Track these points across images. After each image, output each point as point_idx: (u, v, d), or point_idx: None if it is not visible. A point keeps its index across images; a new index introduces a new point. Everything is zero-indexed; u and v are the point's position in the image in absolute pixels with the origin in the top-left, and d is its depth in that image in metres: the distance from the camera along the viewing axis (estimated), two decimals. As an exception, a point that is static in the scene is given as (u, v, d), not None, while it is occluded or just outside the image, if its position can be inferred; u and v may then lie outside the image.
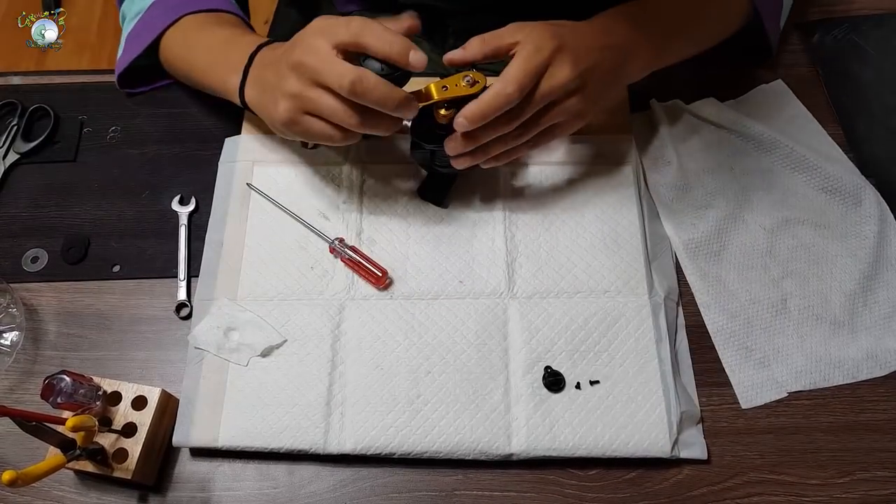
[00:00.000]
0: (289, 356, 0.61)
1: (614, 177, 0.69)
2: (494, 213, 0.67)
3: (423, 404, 0.59)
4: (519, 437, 0.57)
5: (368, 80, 0.52)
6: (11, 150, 0.73)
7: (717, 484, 0.57)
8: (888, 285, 0.64)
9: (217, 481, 0.58)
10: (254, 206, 0.68)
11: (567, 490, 0.57)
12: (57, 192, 0.72)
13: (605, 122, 0.71)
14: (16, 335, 0.63)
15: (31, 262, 0.68)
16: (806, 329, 0.63)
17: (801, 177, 0.69)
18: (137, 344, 0.64)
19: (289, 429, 0.58)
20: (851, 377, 0.61)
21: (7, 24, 1.91)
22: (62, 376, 0.53)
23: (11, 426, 0.52)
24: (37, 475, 0.48)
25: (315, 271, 0.65)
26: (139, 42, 0.71)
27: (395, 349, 0.61)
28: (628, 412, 0.58)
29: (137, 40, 0.72)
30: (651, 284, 0.64)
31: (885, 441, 0.59)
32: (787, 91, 0.75)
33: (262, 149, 0.71)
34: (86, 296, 0.66)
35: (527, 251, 0.65)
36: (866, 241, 0.65)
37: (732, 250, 0.66)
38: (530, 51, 0.55)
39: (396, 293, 0.64)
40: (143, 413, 0.57)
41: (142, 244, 0.68)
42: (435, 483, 0.58)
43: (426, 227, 0.67)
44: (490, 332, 0.62)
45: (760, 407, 0.60)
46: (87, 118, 0.76)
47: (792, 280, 0.65)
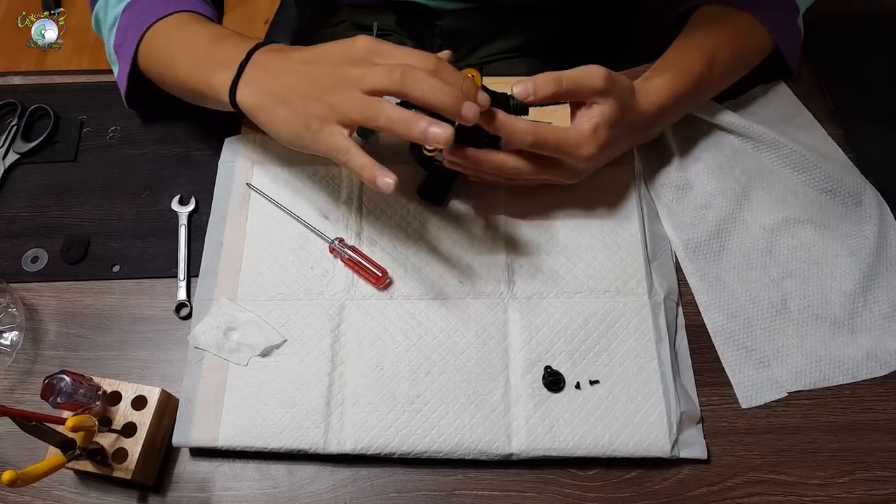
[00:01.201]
0: (289, 356, 0.61)
1: (614, 177, 0.69)
2: (494, 213, 0.67)
3: (423, 404, 0.59)
4: (519, 437, 0.57)
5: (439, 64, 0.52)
6: (11, 150, 0.73)
7: (717, 484, 0.57)
8: (888, 285, 0.64)
9: (217, 481, 0.58)
10: (254, 206, 0.68)
11: (567, 490, 0.57)
12: (57, 192, 0.72)
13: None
14: (16, 335, 0.63)
15: (31, 262, 0.68)
16: (806, 329, 0.63)
17: (801, 177, 0.69)
18: (137, 344, 0.64)
19: (288, 429, 0.58)
20: (851, 377, 0.61)
21: (7, 24, 1.91)
22: (62, 376, 0.53)
23: (11, 426, 0.52)
24: (37, 475, 0.48)
25: (315, 271, 0.65)
26: (125, 52, 0.67)
27: (395, 349, 0.61)
28: (628, 412, 0.58)
29: (123, 50, 0.68)
30: (651, 284, 0.64)
31: (885, 441, 0.59)
32: (787, 91, 0.75)
33: (262, 149, 0.71)
34: (86, 296, 0.66)
35: (527, 251, 0.65)
36: (866, 241, 0.65)
37: (732, 250, 0.66)
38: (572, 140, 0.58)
39: (396, 293, 0.64)
40: (143, 413, 0.57)
41: (142, 244, 0.68)
42: (435, 483, 0.58)
43: (426, 227, 0.67)
44: (490, 332, 0.62)
45: (760, 407, 0.60)
46: (87, 118, 0.76)
47: (792, 280, 0.65)
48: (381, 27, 0.85)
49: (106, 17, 0.70)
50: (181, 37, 0.65)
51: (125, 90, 0.70)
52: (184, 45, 0.64)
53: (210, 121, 0.73)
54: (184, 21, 0.66)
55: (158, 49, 0.65)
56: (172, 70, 0.64)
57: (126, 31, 0.67)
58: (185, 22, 0.66)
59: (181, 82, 0.64)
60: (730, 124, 0.71)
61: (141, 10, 0.67)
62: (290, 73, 0.56)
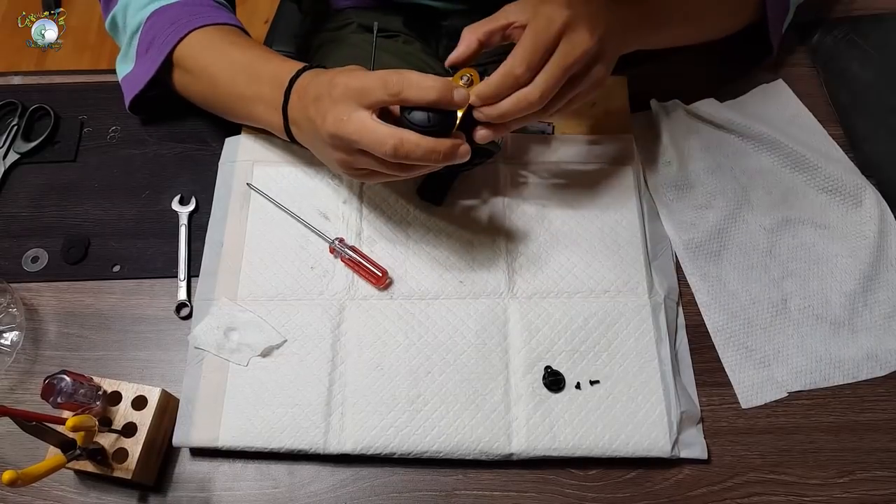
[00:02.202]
0: (289, 356, 0.61)
1: (614, 177, 0.69)
2: (494, 213, 0.67)
3: (423, 404, 0.59)
4: (519, 437, 0.57)
5: (410, 141, 0.51)
6: (11, 150, 0.73)
7: (717, 484, 0.57)
8: (888, 285, 0.64)
9: (217, 481, 0.58)
10: (254, 206, 0.68)
11: (567, 490, 0.57)
12: (57, 192, 0.72)
13: (605, 122, 0.71)
14: (16, 335, 0.63)
15: (31, 262, 0.68)
16: (806, 329, 0.63)
17: (801, 177, 0.69)
18: (137, 344, 0.64)
19: (289, 429, 0.58)
20: (851, 377, 0.61)
21: (7, 24, 1.91)
22: (62, 376, 0.53)
23: (11, 426, 0.52)
24: (37, 475, 0.48)
25: (315, 271, 0.65)
26: (150, 61, 0.67)
27: (395, 349, 0.61)
28: (628, 412, 0.58)
29: (147, 58, 0.68)
30: (651, 284, 0.64)
31: (885, 441, 0.59)
32: (788, 91, 0.75)
33: (262, 149, 0.71)
34: (86, 296, 0.66)
35: (527, 251, 0.65)
36: (866, 241, 0.65)
37: (732, 250, 0.66)
38: (540, 24, 0.53)
39: (396, 293, 0.64)
40: (143, 413, 0.57)
41: (142, 244, 0.68)
42: (435, 483, 0.58)
43: (426, 227, 0.67)
44: (490, 332, 0.62)
45: (760, 407, 0.60)
46: (87, 118, 0.76)
47: (792, 280, 0.65)
48: (388, 28, 0.85)
49: (125, 22, 0.69)
50: (218, 59, 0.65)
51: (135, 94, 0.69)
52: (221, 67, 0.65)
53: (210, 121, 0.73)
54: (216, 39, 0.66)
55: (193, 67, 0.66)
56: (214, 96, 0.67)
57: (153, 39, 0.67)
58: (217, 41, 0.66)
59: (226, 111, 0.68)
60: (730, 124, 0.71)
61: (168, 20, 0.67)
62: (310, 125, 0.57)
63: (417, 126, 0.53)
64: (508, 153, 0.70)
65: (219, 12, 0.69)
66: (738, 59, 0.76)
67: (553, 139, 0.71)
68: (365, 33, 0.86)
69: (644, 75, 0.73)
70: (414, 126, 0.53)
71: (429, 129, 0.52)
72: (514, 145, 0.70)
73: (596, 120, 0.71)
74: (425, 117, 0.53)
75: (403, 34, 0.85)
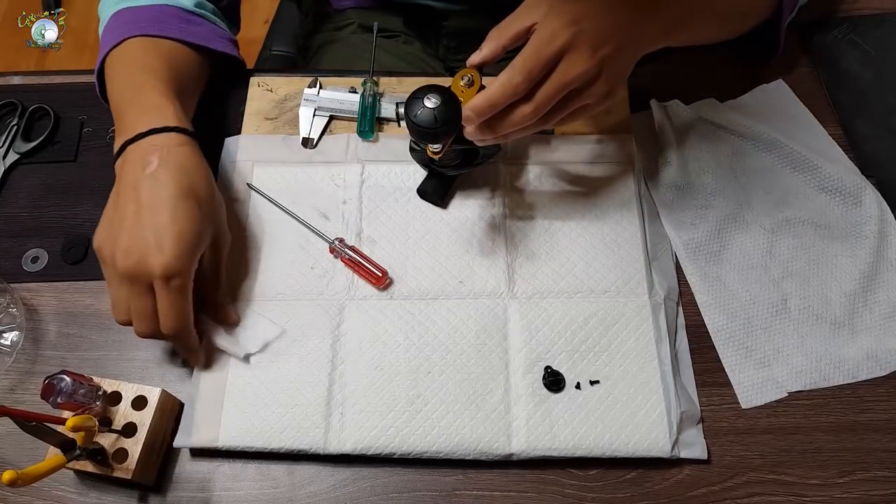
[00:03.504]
0: (289, 356, 0.61)
1: (614, 177, 0.69)
2: (494, 214, 0.67)
3: (423, 404, 0.59)
4: (519, 437, 0.57)
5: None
6: (11, 150, 0.73)
7: (718, 484, 0.57)
8: (888, 285, 0.64)
9: (217, 481, 0.58)
10: (254, 206, 0.68)
11: (567, 490, 0.57)
12: (57, 192, 0.72)
13: (605, 122, 0.71)
14: (16, 335, 0.63)
15: (31, 262, 0.68)
16: (806, 329, 0.63)
17: (801, 177, 0.69)
18: (137, 344, 0.63)
19: (289, 429, 0.58)
20: (851, 377, 0.61)
21: (7, 24, 1.91)
22: (62, 376, 0.53)
23: (11, 426, 0.52)
24: (37, 475, 0.48)
25: (315, 271, 0.65)
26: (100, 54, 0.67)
27: (395, 349, 0.61)
28: (628, 412, 0.58)
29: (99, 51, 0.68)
30: (651, 284, 0.64)
31: (885, 441, 0.59)
32: (788, 91, 0.75)
33: (262, 149, 0.71)
34: (86, 296, 0.66)
35: (527, 251, 0.65)
36: (866, 241, 0.65)
37: (732, 250, 0.66)
38: (544, 38, 0.52)
39: (396, 293, 0.64)
40: (143, 413, 0.57)
41: (142, 244, 0.68)
42: (435, 483, 0.58)
43: (426, 227, 0.67)
44: (490, 332, 0.62)
45: (760, 407, 0.60)
46: (87, 118, 0.76)
47: (792, 280, 0.65)
48: (389, 28, 0.85)
49: (101, 13, 0.70)
50: (119, 77, 0.65)
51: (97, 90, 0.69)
52: (117, 87, 0.64)
53: (210, 121, 0.73)
54: (138, 54, 0.65)
55: (110, 70, 0.66)
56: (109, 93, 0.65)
57: (105, 36, 0.67)
58: (138, 55, 0.65)
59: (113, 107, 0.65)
60: (730, 124, 0.71)
61: (124, 21, 0.66)
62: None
63: (424, 127, 0.53)
64: (508, 153, 0.70)
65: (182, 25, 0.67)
66: (738, 59, 0.76)
67: (553, 139, 0.71)
68: (365, 33, 0.86)
69: (644, 75, 0.73)
70: (420, 127, 0.53)
71: (436, 129, 0.52)
72: (514, 145, 0.70)
73: (596, 120, 0.71)
74: (432, 118, 0.53)
75: (403, 34, 0.85)
